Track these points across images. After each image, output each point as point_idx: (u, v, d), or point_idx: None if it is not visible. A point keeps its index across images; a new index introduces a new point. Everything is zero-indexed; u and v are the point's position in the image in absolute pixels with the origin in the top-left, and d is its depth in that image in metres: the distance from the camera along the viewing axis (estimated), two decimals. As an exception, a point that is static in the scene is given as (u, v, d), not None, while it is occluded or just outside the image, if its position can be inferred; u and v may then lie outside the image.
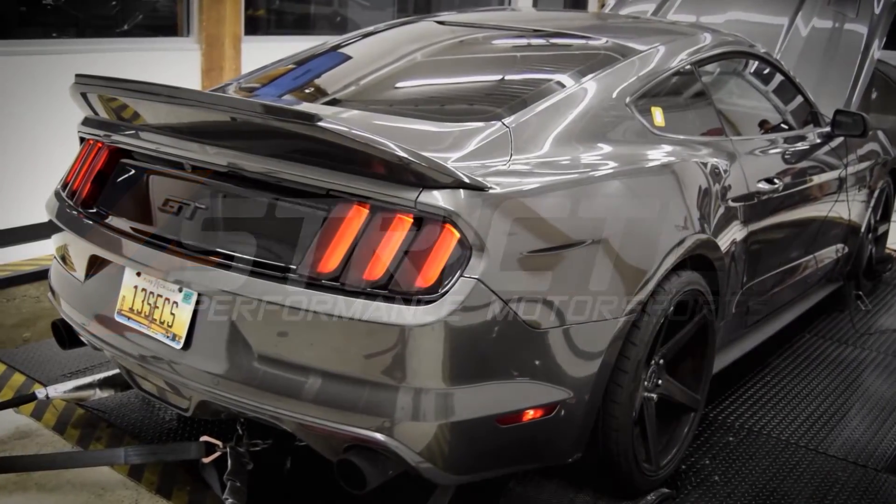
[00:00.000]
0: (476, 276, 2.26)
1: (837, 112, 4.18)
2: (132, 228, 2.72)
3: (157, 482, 3.00)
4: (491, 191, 2.34)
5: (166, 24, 6.35)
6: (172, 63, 5.94)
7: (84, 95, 2.88)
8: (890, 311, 5.06)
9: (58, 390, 3.28)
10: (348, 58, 3.54)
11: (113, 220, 2.80)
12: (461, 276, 2.26)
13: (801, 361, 4.22)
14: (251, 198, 2.53)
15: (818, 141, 4.22)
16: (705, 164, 3.13)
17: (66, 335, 3.08)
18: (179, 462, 3.04)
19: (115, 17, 6.58)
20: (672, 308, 2.83)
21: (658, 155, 2.96)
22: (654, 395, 2.95)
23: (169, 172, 2.72)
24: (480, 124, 2.66)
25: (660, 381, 2.98)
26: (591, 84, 2.95)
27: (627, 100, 3.00)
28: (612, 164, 2.75)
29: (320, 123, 2.21)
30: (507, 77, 3.22)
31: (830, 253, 4.47)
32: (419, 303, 2.26)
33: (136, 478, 3.02)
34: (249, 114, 2.37)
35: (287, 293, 2.33)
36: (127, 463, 2.97)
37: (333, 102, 2.99)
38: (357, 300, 2.27)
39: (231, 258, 2.47)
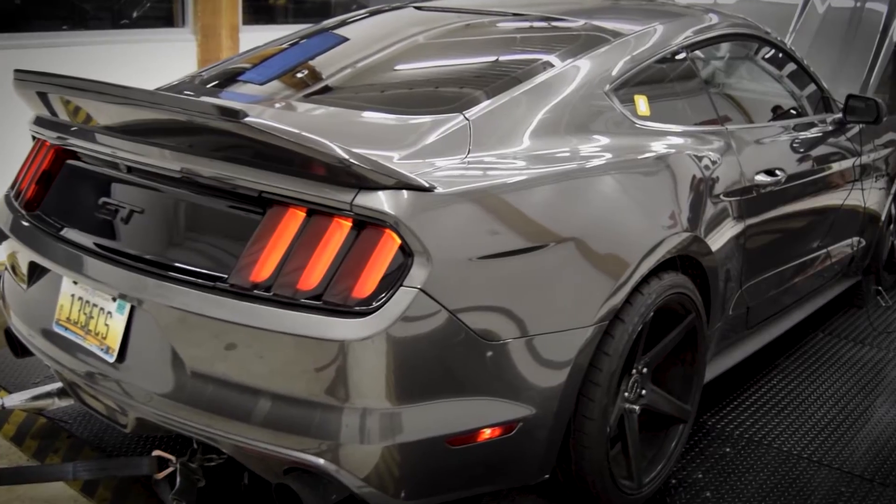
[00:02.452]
0: (417, 286, 2.06)
1: (850, 97, 3.91)
2: (68, 233, 2.56)
3: (111, 497, 2.86)
4: (437, 191, 2.13)
5: (164, 16, 6.22)
6: (168, 55, 5.78)
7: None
8: (913, 306, 4.78)
9: (14, 400, 3.13)
10: (317, 48, 3.34)
11: (52, 225, 2.64)
12: (400, 285, 2.06)
13: (811, 363, 3.97)
14: (187, 201, 2.35)
15: (830, 128, 3.95)
16: (693, 156, 2.89)
17: (17, 343, 2.94)
18: (134, 477, 2.89)
19: (118, 6, 6.47)
20: (652, 314, 2.61)
21: (639, 147, 2.74)
22: (637, 407, 2.74)
23: (106, 174, 2.55)
24: (438, 117, 2.46)
25: (643, 392, 2.76)
26: (565, 71, 2.73)
27: (606, 88, 2.77)
28: (583, 158, 2.53)
29: (245, 120, 2.03)
30: (476, 65, 3.00)
31: (845, 247, 4.20)
32: (356, 315, 2.07)
33: (90, 493, 2.87)
34: (176, 111, 2.18)
35: (217, 304, 2.15)
36: (76, 478, 2.82)
37: (290, 95, 2.79)
38: (289, 312, 2.09)
39: (164, 266, 2.30)
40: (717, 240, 2.94)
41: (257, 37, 6.15)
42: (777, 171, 3.34)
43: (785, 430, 3.36)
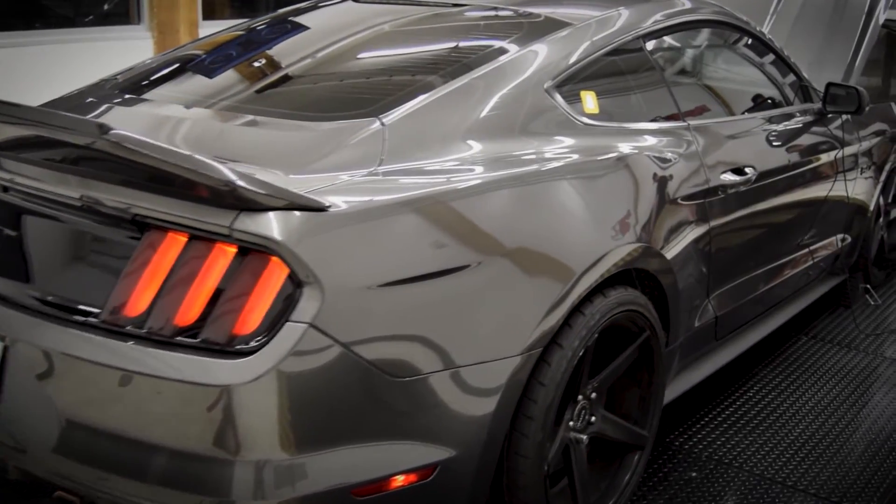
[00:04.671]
0: (306, 321, 1.81)
1: (829, 85, 3.63)
2: None
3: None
4: (332, 210, 1.87)
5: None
6: (123, 53, 5.50)
7: None
8: (904, 305, 4.51)
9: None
10: (245, 47, 3.07)
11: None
12: (286, 320, 1.81)
13: (791, 371, 3.70)
14: (65, 226, 2.10)
15: (809, 119, 3.67)
16: (646, 157, 2.63)
17: None
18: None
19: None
20: (597, 335, 2.35)
21: (582, 149, 2.47)
22: (584, 437, 2.48)
23: None
24: (351, 122, 2.20)
25: (593, 419, 2.51)
26: (498, 68, 2.46)
27: (546, 85, 2.50)
28: (512, 165, 2.26)
29: (108, 136, 1.77)
30: (403, 64, 2.73)
31: (828, 245, 3.93)
32: (239, 355, 1.82)
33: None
34: (36, 125, 1.93)
35: (86, 343, 1.90)
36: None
37: (200, 101, 2.50)
38: (164, 353, 1.84)
39: (39, 300, 2.05)
40: (675, 248, 2.67)
41: (219, 32, 5.92)
42: (746, 169, 3.07)
43: (758, 450, 3.10)
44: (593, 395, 2.49)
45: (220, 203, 1.82)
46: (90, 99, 2.61)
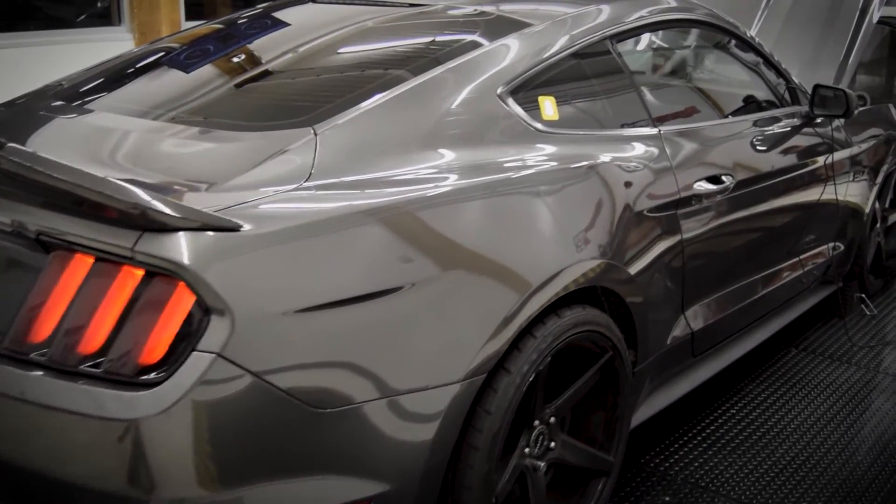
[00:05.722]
0: (214, 350, 1.67)
1: (817, 87, 3.46)
2: None
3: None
4: (245, 230, 1.73)
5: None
6: (102, 55, 5.40)
7: None
8: (903, 315, 4.33)
9: None
10: (194, 51, 2.93)
11: None
12: (192, 350, 1.67)
13: (778, 387, 3.54)
14: None
15: (797, 122, 3.51)
16: (610, 167, 2.47)
17: None
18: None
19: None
20: (549, 359, 2.20)
21: (537, 160, 2.32)
22: (542, 464, 2.34)
23: None
24: (282, 133, 2.06)
25: (552, 445, 2.36)
26: (448, 72, 2.32)
27: (499, 90, 2.35)
28: (456, 178, 2.11)
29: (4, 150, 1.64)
30: (351, 68, 2.58)
31: (819, 254, 3.76)
32: (143, 386, 1.68)
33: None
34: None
35: None
36: None
37: (130, 112, 2.35)
38: (66, 383, 1.71)
39: None
40: (642, 264, 2.52)
41: (203, 33, 5.80)
42: (724, 178, 2.91)
43: (737, 472, 2.94)
44: (552, 419, 2.35)
45: (123, 223, 1.69)
46: (26, 108, 2.49)
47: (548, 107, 2.47)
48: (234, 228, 1.72)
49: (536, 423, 2.30)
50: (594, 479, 2.52)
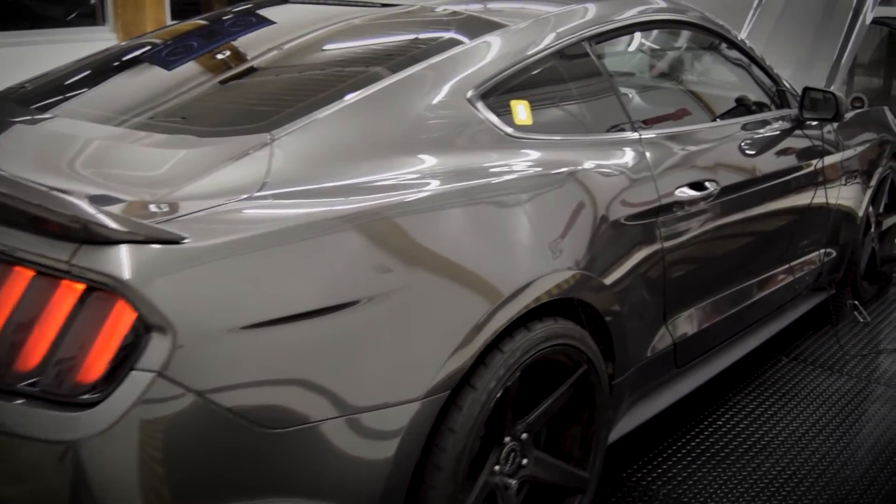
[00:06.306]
0: (154, 369, 1.59)
1: (806, 90, 3.37)
2: None
3: None
4: (188, 243, 1.65)
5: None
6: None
7: None
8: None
9: None
10: (162, 53, 2.86)
11: None
12: (132, 368, 1.60)
13: (767, 397, 3.45)
14: None
15: (787, 126, 3.42)
16: (585, 173, 2.39)
17: None
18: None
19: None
20: (519, 374, 2.12)
21: (508, 166, 2.24)
22: (513, 482, 2.26)
23: None
24: (238, 140, 1.98)
25: (524, 462, 2.28)
26: (413, 76, 2.24)
27: (469, 94, 2.27)
28: (419, 187, 2.03)
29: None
30: (317, 71, 2.49)
31: (809, 261, 3.67)
32: (81, 407, 1.60)
33: None
34: None
35: None
36: None
37: (89, 117, 2.26)
38: (2, 403, 1.63)
39: None
40: (619, 274, 2.44)
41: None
42: (707, 184, 2.82)
43: (721, 487, 2.85)
44: (524, 435, 2.26)
45: (62, 235, 1.61)
46: None
47: (520, 111, 2.38)
48: (178, 241, 1.64)
49: (507, 439, 2.22)
50: (569, 497, 2.44)
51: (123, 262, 1.59)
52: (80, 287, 1.64)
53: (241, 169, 1.88)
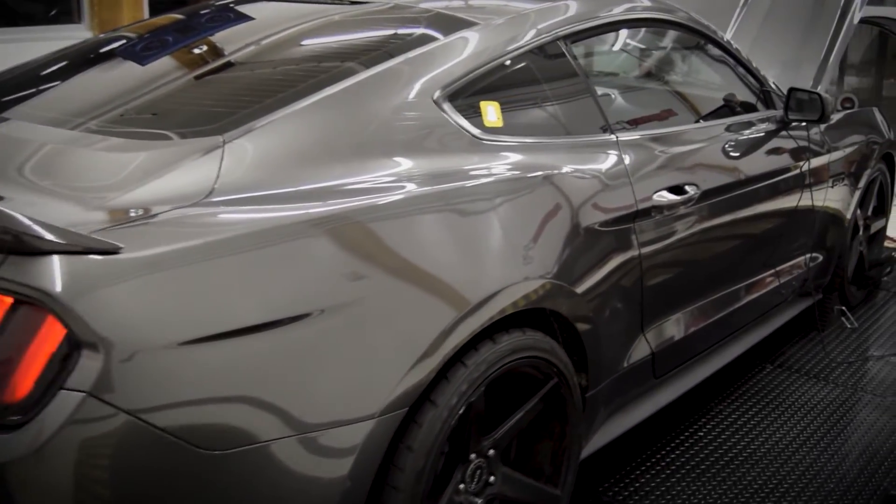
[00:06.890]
0: (84, 389, 1.50)
1: (791, 91, 3.28)
2: None
3: None
4: (125, 254, 1.56)
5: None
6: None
7: None
8: (885, 328, 4.13)
9: None
10: (129, 50, 2.75)
11: None
12: (62, 387, 1.50)
13: (750, 406, 3.36)
14: None
15: (772, 128, 3.33)
16: (556, 176, 2.30)
17: None
18: None
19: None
20: (483, 389, 2.03)
21: (476, 170, 2.14)
22: (480, 501, 2.16)
23: None
24: (188, 142, 1.89)
25: (492, 479, 2.19)
26: (375, 77, 2.14)
27: (436, 95, 2.18)
28: (379, 192, 1.93)
29: None
30: (279, 71, 2.39)
31: (795, 266, 3.58)
32: (8, 428, 1.51)
33: None
34: None
35: None
36: None
37: (39, 119, 2.17)
38: None
39: None
40: (592, 282, 2.34)
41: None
42: (687, 188, 2.73)
43: (702, 500, 2.76)
44: (491, 452, 2.17)
45: None
46: None
47: (490, 112, 2.29)
48: (114, 251, 1.54)
49: (473, 456, 2.13)
50: (540, 514, 2.34)
51: (53, 274, 1.49)
52: (8, 301, 1.54)
53: (188, 174, 1.78)
